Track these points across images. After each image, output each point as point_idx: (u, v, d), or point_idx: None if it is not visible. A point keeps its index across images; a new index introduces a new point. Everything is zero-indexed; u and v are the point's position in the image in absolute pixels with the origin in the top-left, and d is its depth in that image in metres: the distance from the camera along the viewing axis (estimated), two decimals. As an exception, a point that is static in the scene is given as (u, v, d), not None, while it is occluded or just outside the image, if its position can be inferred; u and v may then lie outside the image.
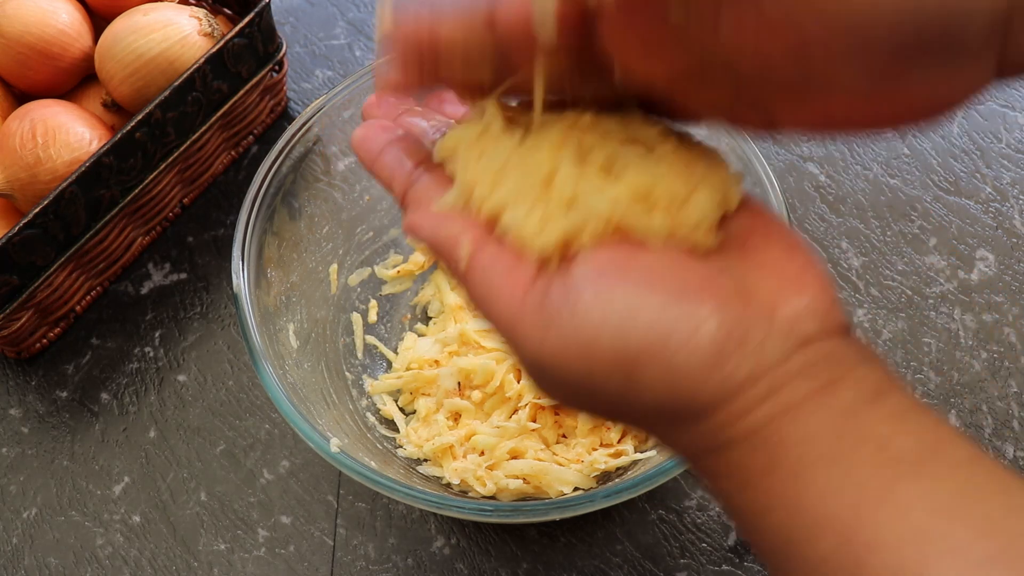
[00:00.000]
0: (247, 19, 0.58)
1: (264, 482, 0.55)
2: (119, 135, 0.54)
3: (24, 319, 0.56)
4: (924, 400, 0.54)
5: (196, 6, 0.61)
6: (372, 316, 0.57)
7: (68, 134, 0.55)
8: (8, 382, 0.59)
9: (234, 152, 0.65)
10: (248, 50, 0.59)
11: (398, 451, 0.53)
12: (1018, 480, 0.25)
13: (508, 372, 0.52)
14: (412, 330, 0.58)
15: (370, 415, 0.54)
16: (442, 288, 0.57)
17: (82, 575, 0.53)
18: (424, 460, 0.52)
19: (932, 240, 0.60)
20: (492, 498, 0.50)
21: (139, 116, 0.55)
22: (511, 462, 0.50)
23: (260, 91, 0.63)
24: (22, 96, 0.61)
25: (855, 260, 0.59)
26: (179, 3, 0.61)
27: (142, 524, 0.54)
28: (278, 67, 0.64)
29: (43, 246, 0.54)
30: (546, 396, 0.30)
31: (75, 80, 0.61)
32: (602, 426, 0.51)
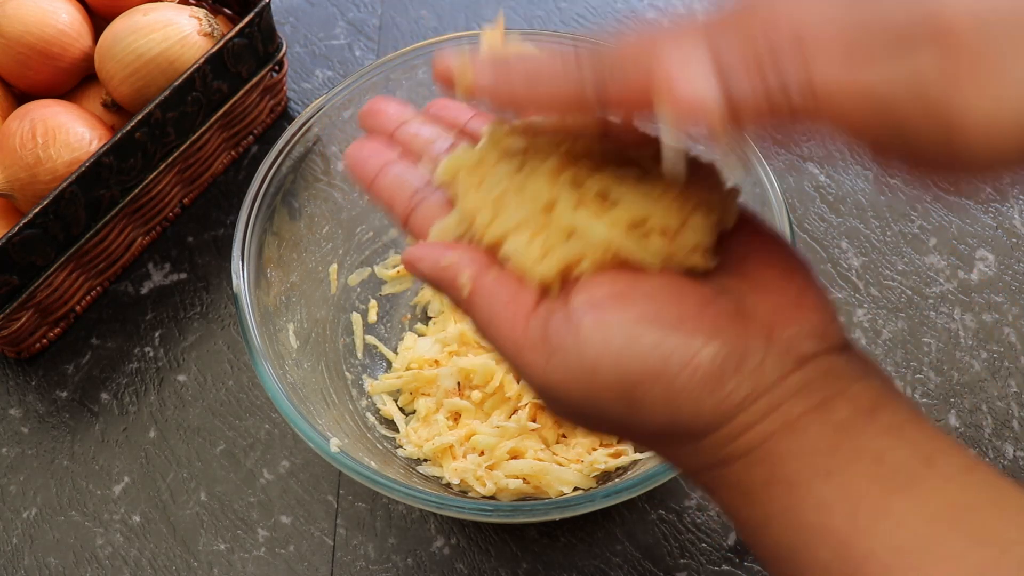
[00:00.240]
0: (247, 19, 0.58)
1: (264, 482, 0.55)
2: (119, 135, 0.54)
3: (24, 319, 0.56)
4: (924, 400, 0.55)
5: (196, 6, 0.61)
6: (372, 316, 0.57)
7: (68, 134, 0.55)
8: (8, 382, 0.59)
9: (234, 152, 0.65)
10: (248, 50, 0.59)
11: (398, 451, 0.53)
12: (1014, 488, 0.26)
13: (508, 372, 0.52)
14: (412, 330, 0.58)
15: (370, 415, 0.54)
16: (442, 288, 0.57)
17: (82, 575, 0.53)
18: (424, 460, 0.52)
19: (932, 240, 0.60)
20: (492, 498, 0.50)
21: (139, 116, 0.55)
22: (511, 462, 0.50)
23: (260, 91, 0.63)
24: (22, 96, 0.61)
25: (855, 260, 0.59)
26: (179, 3, 0.61)
27: (142, 524, 0.54)
28: (278, 67, 0.64)
29: (43, 246, 0.54)
30: (555, 416, 0.31)
31: (75, 80, 0.61)
32: (602, 426, 0.51)
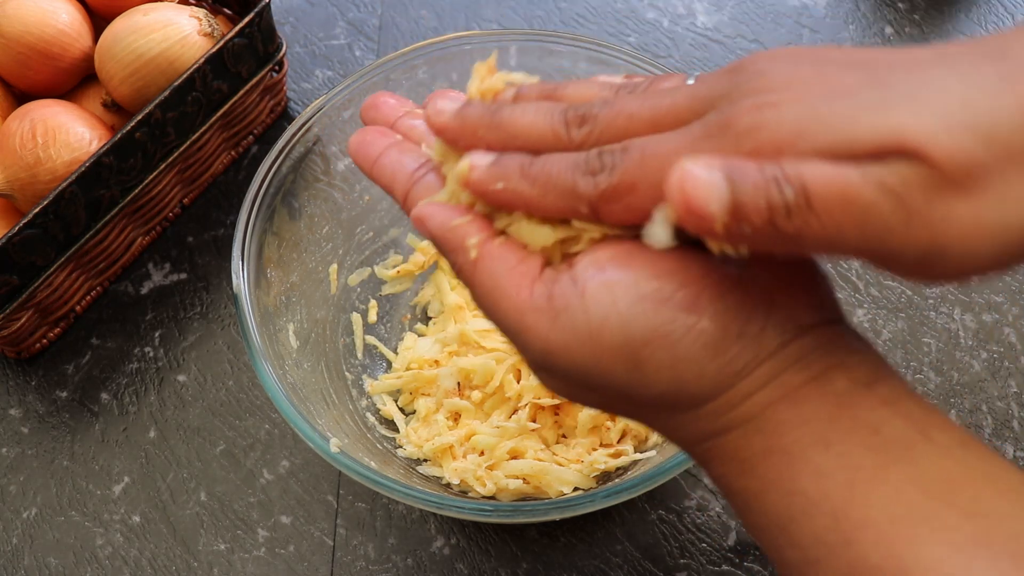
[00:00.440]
0: (247, 19, 0.58)
1: (264, 482, 0.55)
2: (119, 135, 0.54)
3: (24, 319, 0.56)
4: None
5: (196, 6, 0.61)
6: (372, 316, 0.57)
7: (68, 134, 0.55)
8: (8, 382, 0.59)
9: (234, 152, 0.65)
10: (248, 50, 0.59)
11: (398, 451, 0.53)
12: (1007, 465, 0.26)
13: (508, 372, 0.52)
14: (412, 330, 0.58)
15: (370, 415, 0.54)
16: (442, 288, 0.57)
17: (82, 575, 0.53)
18: (424, 460, 0.52)
19: (932, 240, 0.60)
20: (492, 498, 0.50)
21: (139, 116, 0.55)
22: (511, 462, 0.50)
23: (260, 91, 0.63)
24: (22, 96, 0.61)
25: (855, 260, 0.59)
26: (179, 3, 0.61)
27: (142, 524, 0.54)
28: (278, 67, 0.64)
29: (43, 246, 0.54)
30: (551, 389, 0.31)
31: (75, 80, 0.61)
32: (602, 426, 0.51)
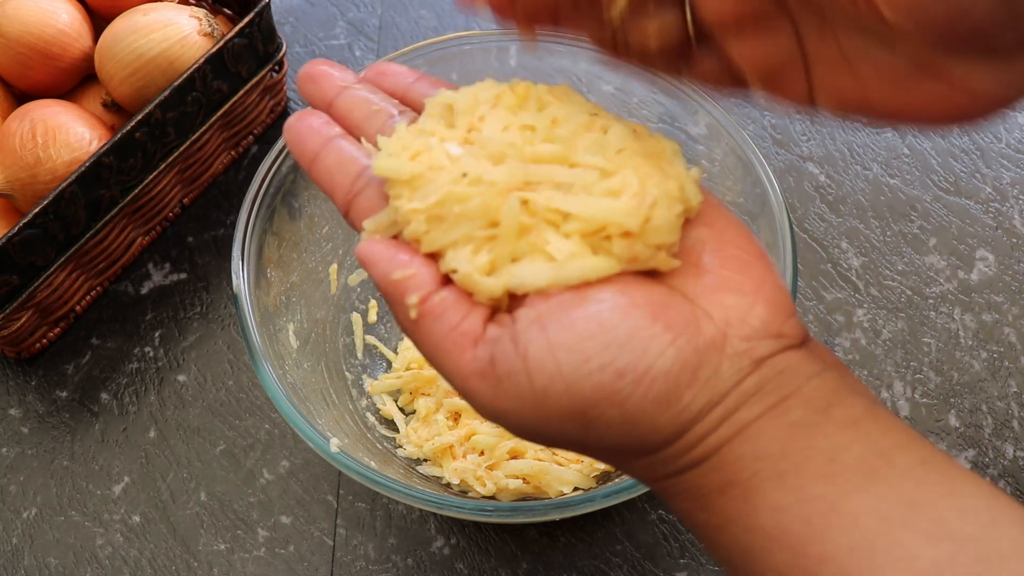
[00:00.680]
0: (247, 19, 0.58)
1: (264, 482, 0.55)
2: (119, 135, 0.54)
3: (24, 319, 0.56)
4: (924, 400, 0.55)
5: (196, 6, 0.61)
6: (372, 316, 0.57)
7: (68, 134, 0.55)
8: (8, 382, 0.59)
9: (234, 152, 0.65)
10: (248, 50, 0.59)
11: (398, 451, 0.53)
12: (971, 480, 0.25)
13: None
14: (412, 330, 0.58)
15: (370, 415, 0.54)
16: (442, 288, 0.57)
17: (82, 575, 0.53)
18: (424, 460, 0.52)
19: (932, 240, 0.60)
20: (492, 498, 0.50)
21: (139, 116, 0.55)
22: (511, 462, 0.50)
23: (260, 91, 0.63)
24: (22, 96, 0.61)
25: (855, 260, 0.59)
26: (179, 3, 0.61)
27: (142, 524, 0.54)
28: (278, 67, 0.64)
29: (43, 246, 0.54)
30: (506, 431, 0.30)
31: (75, 80, 0.61)
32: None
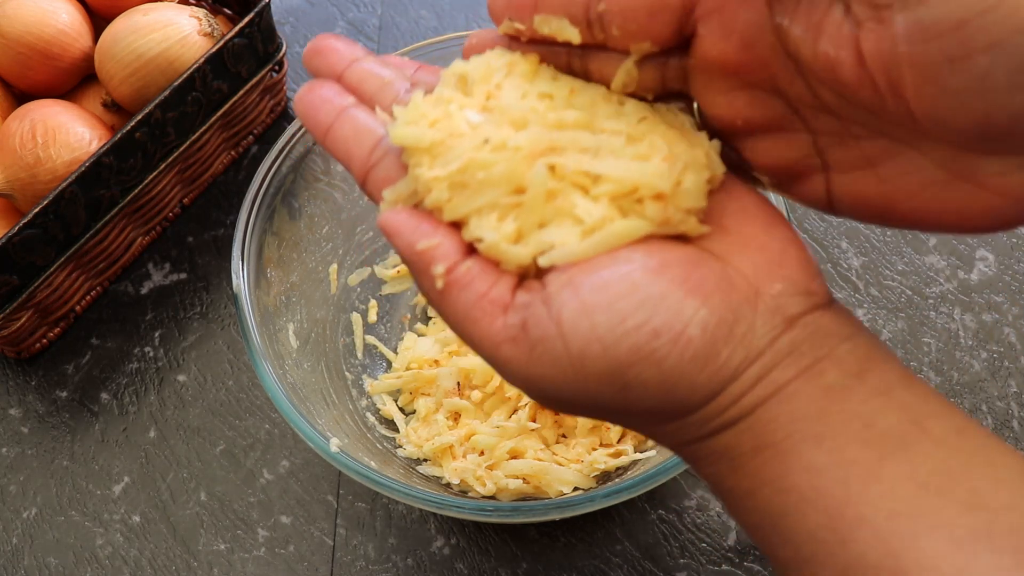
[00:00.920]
0: (247, 19, 0.58)
1: (264, 482, 0.55)
2: (119, 135, 0.54)
3: (24, 319, 0.56)
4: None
5: (196, 6, 0.61)
6: (372, 316, 0.57)
7: (68, 134, 0.55)
8: (8, 382, 0.59)
9: (234, 152, 0.65)
10: (248, 50, 0.59)
11: (398, 451, 0.53)
12: (1006, 450, 0.25)
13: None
14: (412, 330, 0.58)
15: (370, 415, 0.54)
16: (442, 288, 0.57)
17: (82, 575, 0.53)
18: (424, 460, 0.52)
19: (932, 240, 0.60)
20: (492, 498, 0.50)
21: (139, 116, 0.55)
22: (511, 462, 0.50)
23: (260, 91, 0.63)
24: (22, 96, 0.61)
25: (855, 260, 0.59)
26: (179, 3, 0.61)
27: (142, 524, 0.54)
28: (278, 67, 0.64)
29: (43, 246, 0.54)
30: (538, 403, 0.30)
31: (75, 80, 0.61)
32: (602, 426, 0.51)
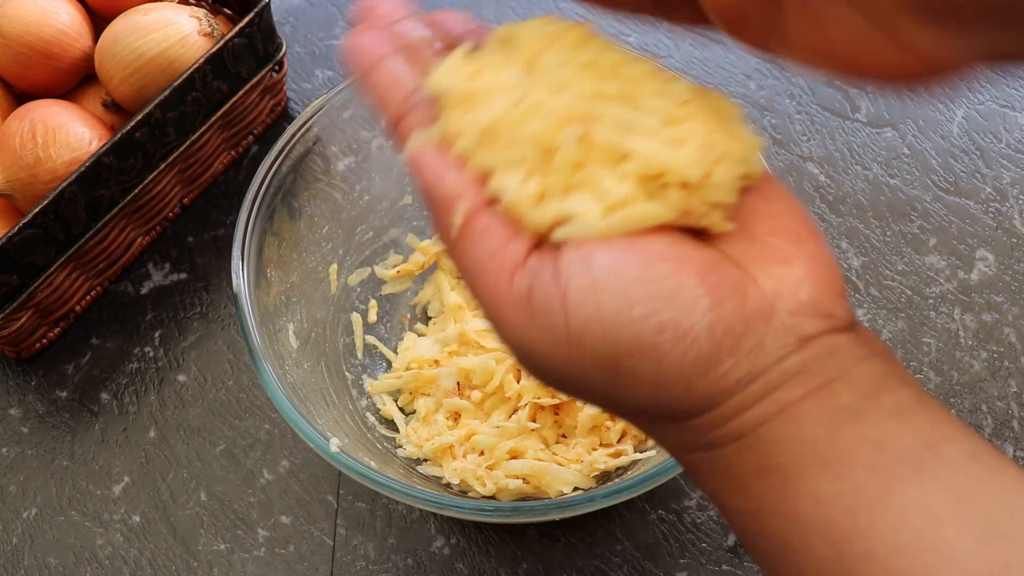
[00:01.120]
0: (247, 19, 0.58)
1: (264, 482, 0.55)
2: (119, 135, 0.54)
3: (24, 319, 0.56)
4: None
5: (196, 6, 0.61)
6: (372, 316, 0.57)
7: (68, 134, 0.55)
8: (8, 382, 0.59)
9: (234, 152, 0.65)
10: (248, 50, 0.59)
11: (398, 451, 0.53)
12: (1022, 476, 0.24)
13: (508, 372, 0.52)
14: (412, 330, 0.58)
15: (370, 415, 0.54)
16: (442, 288, 0.57)
17: (82, 575, 0.53)
18: (424, 460, 0.52)
19: (932, 240, 0.60)
20: (492, 498, 0.50)
21: (139, 116, 0.55)
22: (511, 462, 0.50)
23: (260, 91, 0.63)
24: (22, 96, 0.61)
25: (855, 260, 0.59)
26: (179, 3, 0.61)
27: (142, 524, 0.54)
28: (278, 67, 0.64)
29: (43, 246, 0.54)
30: (530, 376, 0.29)
31: (75, 80, 0.61)
32: (602, 426, 0.51)
